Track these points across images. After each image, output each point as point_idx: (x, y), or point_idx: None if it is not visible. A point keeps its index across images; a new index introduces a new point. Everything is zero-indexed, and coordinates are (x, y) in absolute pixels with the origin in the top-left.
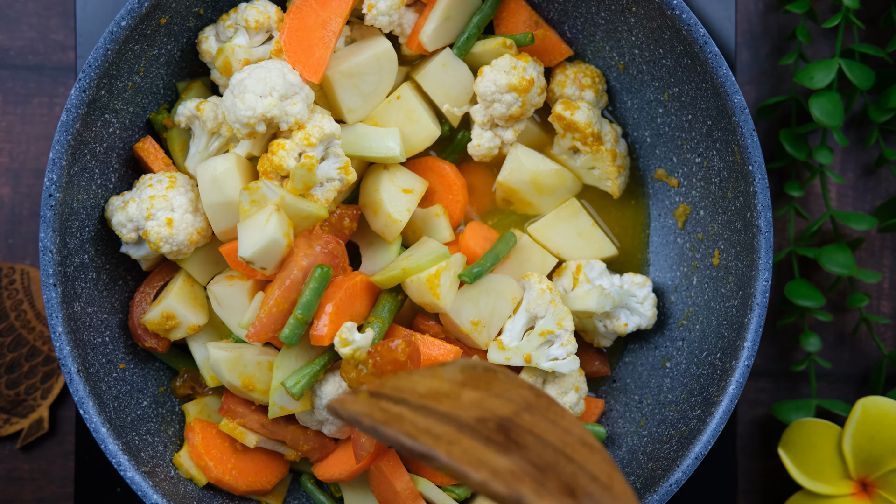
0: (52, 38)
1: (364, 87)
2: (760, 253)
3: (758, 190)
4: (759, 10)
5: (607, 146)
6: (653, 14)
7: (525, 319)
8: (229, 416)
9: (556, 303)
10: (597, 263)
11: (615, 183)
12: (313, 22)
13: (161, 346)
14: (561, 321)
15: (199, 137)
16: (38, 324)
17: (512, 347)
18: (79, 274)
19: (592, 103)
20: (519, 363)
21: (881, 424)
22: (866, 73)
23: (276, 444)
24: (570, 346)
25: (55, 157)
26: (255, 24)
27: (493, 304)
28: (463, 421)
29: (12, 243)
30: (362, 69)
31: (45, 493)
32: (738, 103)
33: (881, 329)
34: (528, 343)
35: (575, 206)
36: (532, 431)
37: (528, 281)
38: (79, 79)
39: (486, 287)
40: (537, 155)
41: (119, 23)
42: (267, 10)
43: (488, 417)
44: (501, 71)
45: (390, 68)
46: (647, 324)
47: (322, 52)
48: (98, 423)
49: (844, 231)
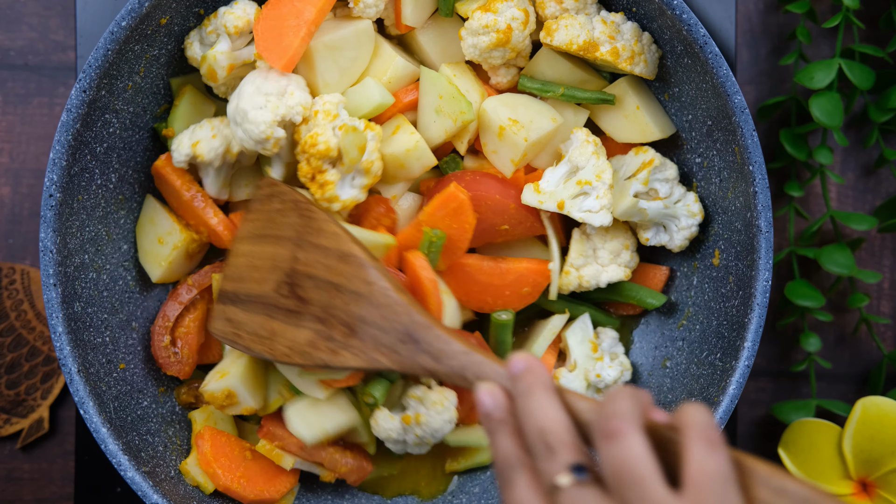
0: (52, 38)
1: (342, 61)
2: (760, 253)
3: (758, 190)
4: (759, 10)
5: (604, 48)
6: (653, 14)
7: (566, 169)
8: (268, 439)
9: (598, 155)
10: (671, 167)
11: (644, 66)
12: (288, 11)
13: (184, 374)
14: (600, 174)
15: (207, 170)
16: (38, 324)
17: (547, 192)
18: (79, 274)
19: (576, 9)
20: (551, 208)
21: (881, 424)
22: (866, 73)
23: (313, 465)
24: (604, 199)
25: (55, 157)
26: (234, 28)
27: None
28: (269, 300)
29: (12, 243)
30: (342, 43)
31: (45, 493)
32: (738, 103)
33: (881, 329)
34: (563, 189)
35: (622, 88)
36: (308, 274)
37: (575, 133)
38: (79, 79)
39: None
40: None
41: (119, 23)
42: (246, 13)
43: (280, 280)
44: (476, 34)
45: (367, 46)
46: (672, 246)
47: (292, 39)
48: (98, 423)
49: (844, 231)
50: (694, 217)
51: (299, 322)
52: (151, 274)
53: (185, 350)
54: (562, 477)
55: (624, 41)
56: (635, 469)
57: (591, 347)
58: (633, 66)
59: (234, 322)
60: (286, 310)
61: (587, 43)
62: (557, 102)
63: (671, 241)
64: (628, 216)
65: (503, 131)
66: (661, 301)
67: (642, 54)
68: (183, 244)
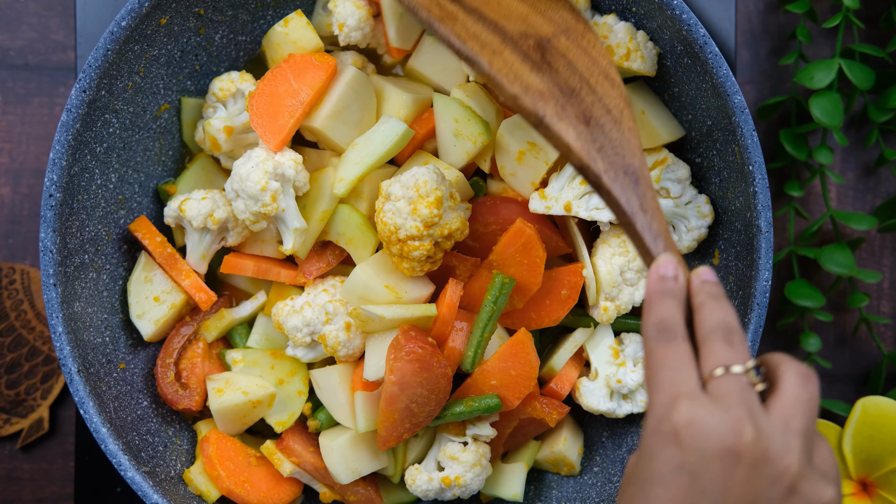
0: (52, 38)
1: (351, 117)
2: (760, 253)
3: (758, 190)
4: (759, 10)
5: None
6: (652, 14)
7: (570, 171)
8: (285, 454)
9: None
10: (683, 167)
11: (642, 62)
12: (284, 90)
13: (195, 405)
14: None
15: (190, 234)
16: (38, 324)
17: (553, 196)
18: (79, 274)
19: None
20: (559, 212)
21: (881, 424)
22: (866, 73)
23: (312, 479)
24: None
25: (55, 157)
26: (221, 92)
27: None
28: (508, 33)
29: (12, 243)
30: (342, 104)
31: (45, 493)
32: (738, 103)
33: (881, 329)
34: (569, 191)
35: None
36: (565, 56)
37: None
38: (79, 79)
39: None
40: None
41: (119, 23)
42: (231, 77)
43: (530, 34)
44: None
45: (366, 90)
46: (680, 247)
47: (286, 120)
48: (98, 423)
49: (844, 231)
50: (704, 218)
51: (538, 72)
52: (143, 331)
53: (192, 381)
54: (737, 367)
55: (618, 39)
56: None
57: (612, 353)
58: (630, 63)
59: (449, 12)
60: (525, 53)
61: None
62: None
63: (679, 241)
64: None
65: (523, 155)
66: None
67: (638, 51)
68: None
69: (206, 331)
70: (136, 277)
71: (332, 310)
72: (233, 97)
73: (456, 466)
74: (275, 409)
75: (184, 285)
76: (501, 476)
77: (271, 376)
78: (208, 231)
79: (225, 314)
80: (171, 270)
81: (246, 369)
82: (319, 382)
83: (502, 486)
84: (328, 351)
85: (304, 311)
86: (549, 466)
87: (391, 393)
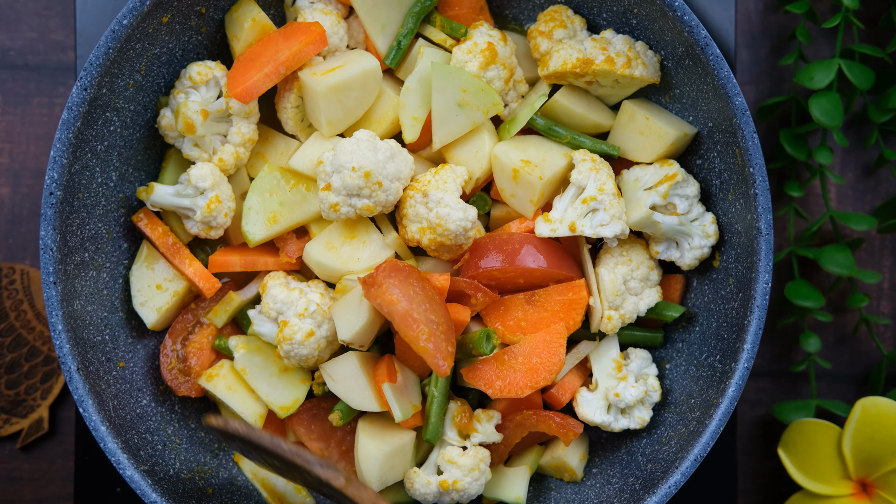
0: (52, 38)
1: (347, 101)
2: (760, 255)
3: (758, 192)
4: (759, 10)
5: (598, 59)
6: (654, 16)
7: (572, 192)
8: (294, 433)
9: (597, 169)
10: (693, 184)
11: (644, 68)
12: (265, 50)
13: (196, 392)
14: (602, 186)
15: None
16: (38, 324)
17: (557, 218)
18: (79, 272)
19: (565, 36)
20: (565, 233)
21: (881, 424)
22: (866, 73)
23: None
24: (613, 209)
25: (56, 155)
26: (198, 76)
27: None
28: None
29: (12, 243)
30: (349, 85)
31: (45, 493)
32: (739, 105)
33: (881, 329)
34: (572, 212)
35: (627, 110)
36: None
37: (574, 154)
38: (80, 77)
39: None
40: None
41: (121, 21)
42: (207, 64)
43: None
44: (465, 63)
45: (374, 86)
46: (681, 263)
47: (255, 73)
48: (97, 421)
49: (844, 231)
50: (708, 238)
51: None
52: (147, 320)
53: (196, 367)
54: None
55: (617, 49)
56: None
57: (616, 367)
58: (631, 70)
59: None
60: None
61: (581, 60)
62: None
63: (681, 258)
64: (641, 227)
65: (517, 173)
66: (679, 312)
67: (638, 58)
68: (183, 291)
69: (216, 315)
70: (138, 266)
71: (312, 310)
72: (206, 85)
73: (454, 470)
74: (277, 392)
75: (188, 273)
76: (504, 479)
77: (275, 364)
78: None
79: (233, 297)
80: (173, 259)
81: (248, 355)
82: (333, 374)
83: (505, 489)
84: (277, 337)
85: (292, 293)
86: (552, 472)
87: (402, 310)
